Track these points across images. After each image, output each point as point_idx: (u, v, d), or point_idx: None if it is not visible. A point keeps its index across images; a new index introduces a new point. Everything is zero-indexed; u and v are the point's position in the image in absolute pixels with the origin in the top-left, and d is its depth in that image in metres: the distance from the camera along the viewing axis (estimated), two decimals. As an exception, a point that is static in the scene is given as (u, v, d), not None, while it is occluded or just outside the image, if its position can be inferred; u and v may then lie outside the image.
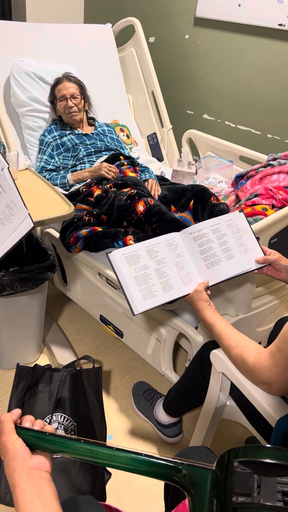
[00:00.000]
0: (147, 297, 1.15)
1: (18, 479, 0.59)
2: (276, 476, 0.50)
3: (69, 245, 1.71)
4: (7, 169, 1.29)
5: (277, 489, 0.49)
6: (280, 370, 0.92)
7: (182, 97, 2.88)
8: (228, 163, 2.24)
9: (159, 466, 0.58)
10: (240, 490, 0.50)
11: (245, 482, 0.50)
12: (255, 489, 0.50)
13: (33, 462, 0.61)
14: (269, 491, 0.49)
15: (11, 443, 0.62)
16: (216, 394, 1.20)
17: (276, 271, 1.22)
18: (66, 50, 2.41)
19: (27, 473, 0.59)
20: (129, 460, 0.59)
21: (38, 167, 2.13)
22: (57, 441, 0.63)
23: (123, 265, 1.16)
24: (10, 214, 1.28)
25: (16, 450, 0.61)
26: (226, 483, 0.52)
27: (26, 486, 0.58)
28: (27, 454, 0.61)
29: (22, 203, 1.25)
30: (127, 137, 2.52)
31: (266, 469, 0.51)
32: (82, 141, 2.14)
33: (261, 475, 0.50)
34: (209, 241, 1.23)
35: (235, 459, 0.53)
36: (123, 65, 2.67)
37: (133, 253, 1.18)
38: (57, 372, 1.46)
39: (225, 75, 2.61)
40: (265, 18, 2.31)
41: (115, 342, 1.96)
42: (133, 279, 1.16)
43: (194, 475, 0.56)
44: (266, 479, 0.50)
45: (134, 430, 1.58)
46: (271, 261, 1.21)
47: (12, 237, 1.26)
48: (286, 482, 0.49)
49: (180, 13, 2.69)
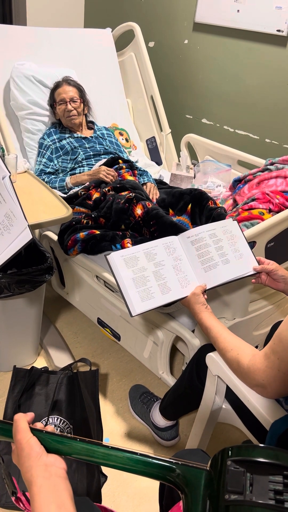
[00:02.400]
0: (145, 299, 1.15)
1: (35, 475, 0.59)
2: (268, 475, 0.51)
3: (67, 248, 1.72)
4: (8, 178, 1.28)
5: (269, 488, 0.49)
6: (274, 372, 0.92)
7: (181, 102, 2.89)
8: (226, 167, 2.25)
9: (154, 466, 0.59)
10: (233, 488, 0.51)
11: (238, 480, 0.51)
12: (247, 487, 0.50)
13: (49, 459, 0.61)
14: (261, 489, 0.49)
15: (26, 441, 0.62)
16: (211, 397, 1.21)
17: (274, 281, 1.23)
18: (66, 54, 2.42)
19: (44, 470, 0.59)
20: (124, 459, 0.60)
21: (37, 170, 2.14)
22: (53, 439, 0.63)
23: (122, 267, 1.17)
24: (9, 224, 1.27)
25: (32, 447, 0.62)
26: (219, 482, 0.52)
27: (43, 483, 0.58)
28: (42, 452, 0.62)
29: (22, 214, 1.25)
30: (126, 141, 2.53)
31: (259, 468, 0.52)
32: (81, 145, 2.15)
33: (253, 473, 0.51)
34: (206, 245, 1.24)
35: (228, 458, 0.54)
36: (123, 69, 2.69)
37: (131, 255, 1.19)
38: (54, 375, 1.46)
39: (224, 80, 2.63)
40: (264, 24, 2.33)
41: (112, 345, 1.96)
42: (131, 281, 1.16)
43: (188, 475, 0.56)
44: (259, 478, 0.50)
45: (131, 433, 1.59)
46: (268, 271, 1.21)
47: (10, 248, 1.26)
48: (278, 480, 0.50)
49: (180, 18, 2.71)
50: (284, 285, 1.21)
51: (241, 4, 2.38)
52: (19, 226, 1.25)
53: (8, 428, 0.66)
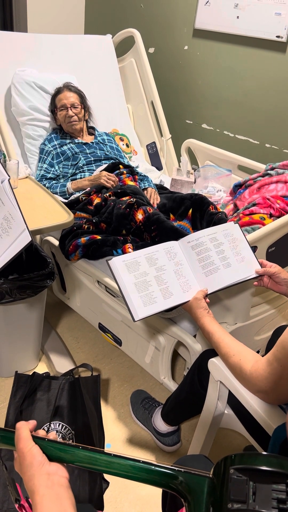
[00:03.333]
0: (147, 304, 1.15)
1: (38, 484, 0.59)
2: (272, 483, 0.50)
3: (68, 253, 1.72)
4: (7, 181, 1.29)
5: (272, 496, 0.49)
6: (277, 379, 0.92)
7: (181, 107, 2.91)
8: (227, 172, 2.26)
9: (157, 473, 0.59)
10: (236, 497, 0.50)
11: (240, 489, 0.51)
12: (250, 496, 0.50)
13: (52, 467, 0.61)
14: (264, 498, 0.49)
15: (28, 450, 0.62)
16: (214, 402, 1.21)
17: (276, 284, 1.23)
18: (66, 60, 2.44)
19: (46, 478, 0.59)
20: (127, 467, 0.60)
21: (38, 175, 2.15)
22: (56, 447, 0.63)
23: (123, 271, 1.17)
24: (7, 227, 1.28)
25: (34, 456, 0.62)
26: (222, 490, 0.52)
27: (46, 492, 0.58)
28: (44, 460, 0.62)
29: (20, 217, 1.25)
30: (127, 146, 2.54)
31: (262, 476, 0.51)
32: (82, 150, 2.16)
33: (256, 482, 0.51)
34: (207, 249, 1.24)
35: (231, 466, 0.53)
36: (123, 75, 2.70)
37: (133, 260, 1.19)
38: (56, 380, 1.46)
39: (223, 86, 2.64)
40: (263, 30, 2.35)
41: (113, 350, 1.96)
42: (133, 285, 1.16)
43: (191, 482, 0.56)
44: (262, 486, 0.50)
45: (132, 439, 1.58)
46: (270, 273, 1.21)
47: (9, 250, 1.26)
48: (282, 489, 0.50)
49: (180, 25, 2.73)
50: (287, 288, 1.21)
51: (240, 10, 2.40)
52: (17, 229, 1.25)
53: (10, 436, 0.66)
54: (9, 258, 1.26)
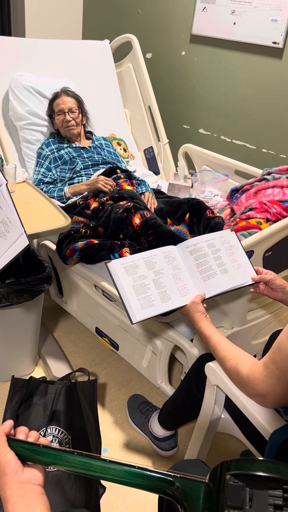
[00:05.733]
0: (145, 306, 1.16)
1: (9, 493, 0.59)
2: (268, 489, 0.50)
3: (66, 257, 1.72)
4: (5, 186, 1.30)
5: (268, 502, 0.49)
6: (274, 382, 0.92)
7: (179, 112, 2.92)
8: (224, 177, 2.27)
9: (152, 479, 0.58)
10: (232, 503, 0.50)
11: (237, 495, 0.50)
12: (247, 502, 0.50)
13: (24, 475, 0.61)
14: (261, 504, 0.49)
15: (3, 456, 0.61)
16: (211, 407, 1.20)
17: (272, 291, 1.23)
18: (64, 65, 2.45)
19: (18, 488, 0.59)
20: (122, 473, 0.59)
21: (35, 179, 2.15)
22: (50, 453, 0.62)
23: (122, 274, 1.17)
24: (5, 231, 1.28)
25: (7, 463, 0.61)
26: (218, 496, 0.52)
27: (17, 500, 0.58)
28: (18, 468, 0.61)
29: (18, 221, 1.25)
30: (124, 151, 2.55)
31: (259, 482, 0.51)
32: (80, 154, 2.17)
33: (253, 488, 0.51)
34: (204, 255, 1.25)
35: (227, 472, 0.53)
36: (121, 80, 2.71)
37: (131, 263, 1.20)
38: (52, 385, 1.45)
39: (220, 91, 2.66)
40: (260, 36, 2.36)
41: (110, 355, 1.96)
42: (132, 288, 1.17)
43: (187, 488, 0.56)
44: (258, 492, 0.50)
45: (129, 444, 1.58)
46: (266, 280, 1.22)
47: (6, 254, 1.26)
48: (278, 495, 0.50)
49: (177, 30, 2.74)
50: (282, 294, 1.22)
51: (237, 16, 2.42)
52: (15, 232, 1.25)
53: None
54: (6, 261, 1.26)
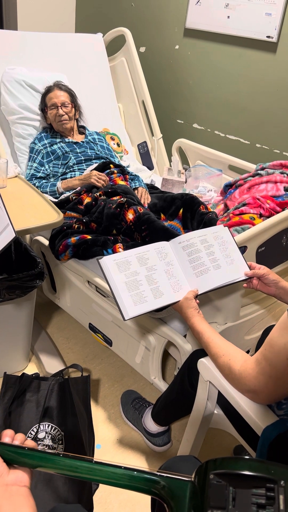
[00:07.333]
0: (137, 303, 1.15)
1: None
2: (252, 488, 0.50)
3: (58, 253, 1.71)
4: None
5: (252, 501, 0.49)
6: (266, 378, 0.92)
7: (172, 107, 2.91)
8: (217, 172, 2.26)
9: (138, 479, 0.58)
10: (215, 503, 0.50)
11: (220, 494, 0.50)
12: (230, 501, 0.49)
13: (10, 478, 0.61)
14: (243, 503, 0.49)
15: None
16: (203, 402, 1.20)
17: (265, 286, 1.23)
18: (57, 59, 2.42)
19: (3, 490, 0.60)
20: (108, 474, 0.59)
21: (28, 174, 2.13)
22: (36, 455, 0.62)
23: (114, 270, 1.17)
24: None
25: None
26: (202, 496, 0.52)
27: (3, 503, 0.58)
28: (3, 470, 0.62)
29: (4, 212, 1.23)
30: (118, 146, 2.53)
31: (242, 481, 0.51)
32: (73, 149, 2.15)
33: (237, 487, 0.50)
34: (197, 250, 1.24)
35: (211, 471, 0.53)
36: (114, 74, 2.69)
37: (123, 260, 1.19)
38: (45, 381, 1.45)
39: (214, 85, 2.65)
40: (254, 30, 2.35)
41: (104, 351, 1.95)
42: (124, 284, 1.16)
43: (173, 487, 0.55)
44: (241, 491, 0.50)
45: (123, 439, 1.57)
46: (259, 275, 1.22)
47: None
48: (261, 493, 0.49)
49: (171, 24, 2.72)
50: (275, 289, 1.22)
51: (231, 10, 2.40)
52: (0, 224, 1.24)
53: None
54: None
